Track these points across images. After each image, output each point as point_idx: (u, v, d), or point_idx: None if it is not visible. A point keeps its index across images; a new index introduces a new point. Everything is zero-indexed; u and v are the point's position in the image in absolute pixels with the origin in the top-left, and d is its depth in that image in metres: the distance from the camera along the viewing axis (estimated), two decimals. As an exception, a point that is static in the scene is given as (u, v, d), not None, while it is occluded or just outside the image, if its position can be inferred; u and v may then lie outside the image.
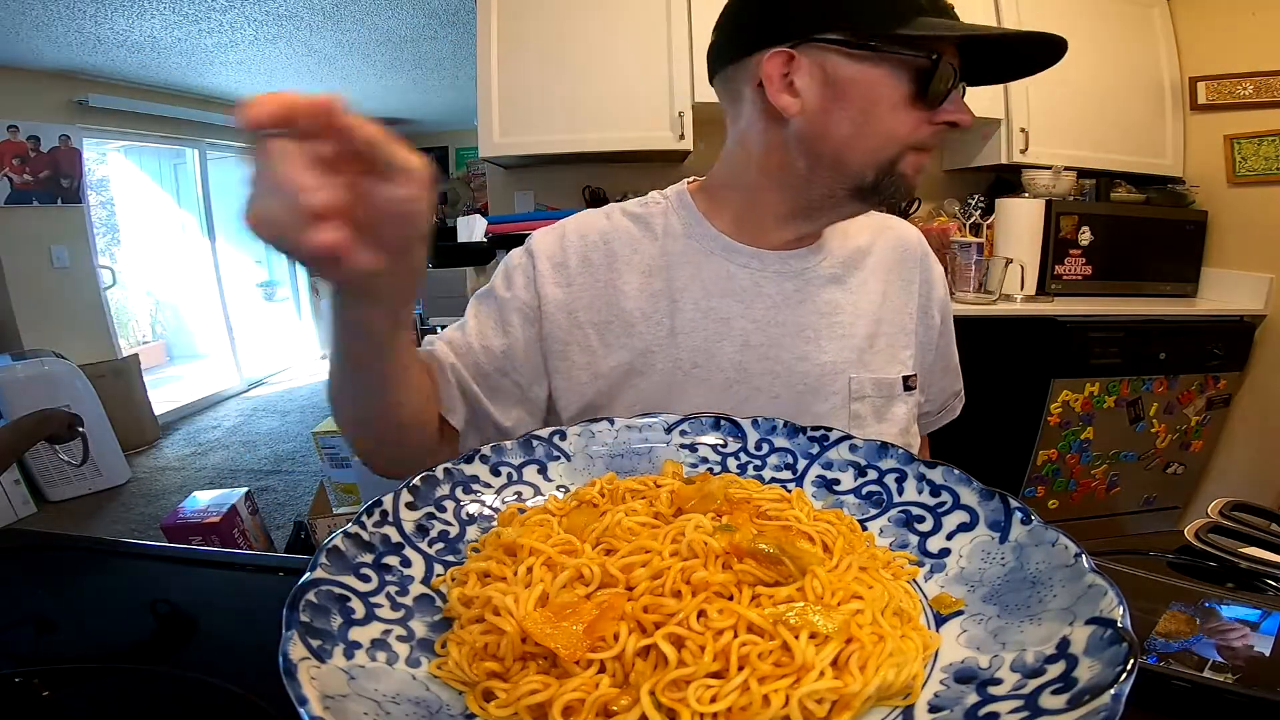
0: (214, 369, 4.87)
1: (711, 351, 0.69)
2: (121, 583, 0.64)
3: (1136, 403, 2.02)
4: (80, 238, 3.59)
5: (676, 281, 0.70)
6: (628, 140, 2.15)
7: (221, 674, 0.47)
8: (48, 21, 2.73)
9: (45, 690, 0.46)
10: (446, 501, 0.48)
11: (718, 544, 0.38)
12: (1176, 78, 2.26)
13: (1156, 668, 0.43)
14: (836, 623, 0.33)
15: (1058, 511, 2.10)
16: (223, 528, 2.07)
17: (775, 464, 0.55)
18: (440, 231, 5.32)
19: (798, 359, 0.69)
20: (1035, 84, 2.14)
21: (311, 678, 0.29)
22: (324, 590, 0.36)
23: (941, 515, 0.46)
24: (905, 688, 0.33)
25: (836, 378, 0.70)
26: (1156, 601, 0.50)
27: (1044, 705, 0.29)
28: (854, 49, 0.59)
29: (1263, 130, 2.03)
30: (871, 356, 0.72)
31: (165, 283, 5.19)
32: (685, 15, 2.08)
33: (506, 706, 0.32)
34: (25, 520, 2.72)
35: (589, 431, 0.57)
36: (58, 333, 3.36)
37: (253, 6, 2.78)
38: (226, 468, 3.35)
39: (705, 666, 0.32)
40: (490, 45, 2.12)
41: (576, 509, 0.46)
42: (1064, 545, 0.37)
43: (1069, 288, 2.13)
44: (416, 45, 3.44)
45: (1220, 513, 0.66)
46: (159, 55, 3.33)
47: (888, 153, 0.62)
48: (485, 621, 0.36)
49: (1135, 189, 2.26)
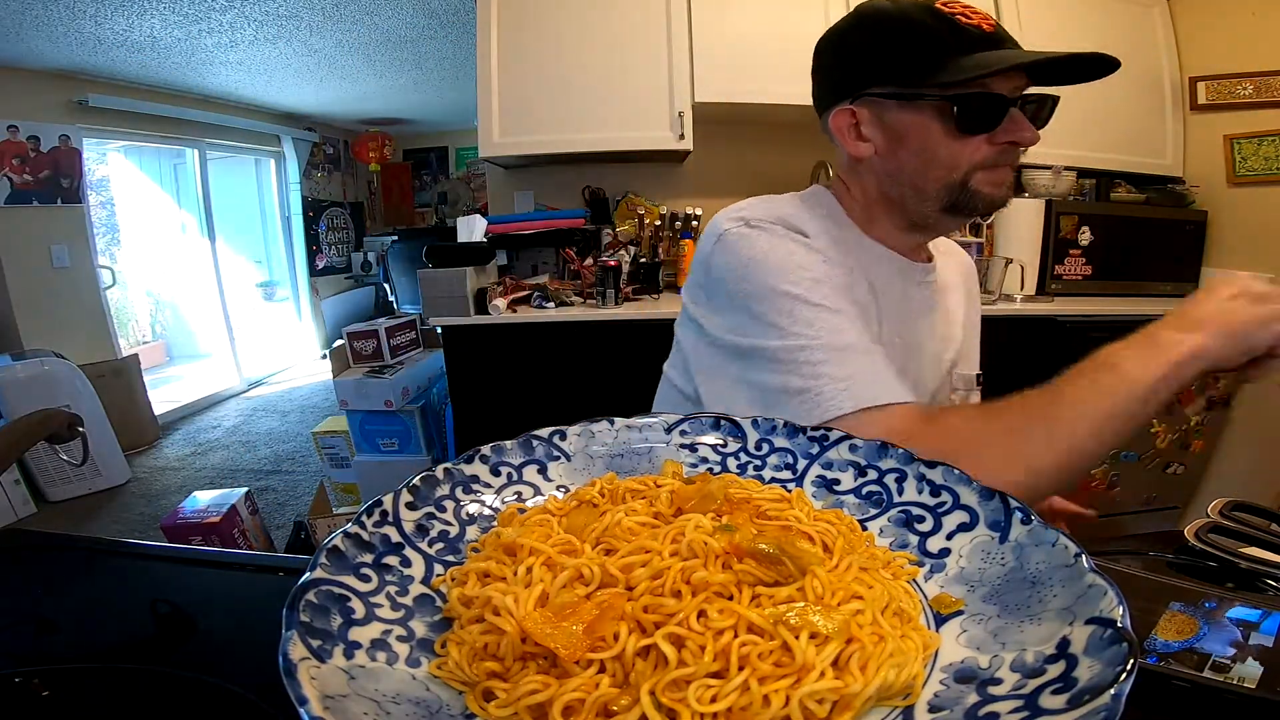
0: (214, 369, 4.87)
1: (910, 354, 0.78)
2: (121, 583, 0.64)
3: (1136, 403, 2.02)
4: (80, 238, 3.59)
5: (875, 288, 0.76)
6: (628, 140, 2.15)
7: (221, 674, 0.47)
8: (48, 21, 2.73)
9: (45, 690, 0.46)
10: (446, 501, 0.48)
11: (718, 544, 0.38)
12: (1176, 78, 2.26)
13: (1156, 668, 0.43)
14: (837, 623, 0.33)
15: (1058, 511, 2.10)
16: (223, 528, 2.07)
17: (775, 464, 0.55)
18: (440, 231, 5.33)
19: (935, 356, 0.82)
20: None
21: (311, 678, 0.29)
22: (324, 590, 0.36)
23: (941, 515, 0.46)
24: (906, 688, 0.33)
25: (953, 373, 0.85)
26: (1156, 601, 0.50)
27: (1044, 705, 0.29)
28: (898, 99, 0.68)
29: (1263, 130, 2.03)
30: (969, 349, 0.87)
31: (165, 283, 5.19)
32: (685, 15, 2.08)
33: (506, 706, 0.32)
34: (25, 520, 2.72)
35: (589, 431, 0.57)
36: (58, 333, 3.36)
37: (253, 6, 2.78)
38: (226, 468, 3.35)
39: (705, 666, 0.32)
40: (490, 45, 2.12)
41: (576, 509, 0.46)
42: (1064, 545, 0.37)
43: (1069, 288, 2.13)
44: (416, 45, 3.44)
45: (1220, 513, 0.66)
46: (159, 55, 3.33)
47: (955, 176, 0.69)
48: (485, 621, 0.36)
49: (1135, 189, 2.26)
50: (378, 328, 2.33)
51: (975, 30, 0.65)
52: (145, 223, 4.96)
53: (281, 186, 5.25)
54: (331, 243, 5.74)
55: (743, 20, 2.06)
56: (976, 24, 0.65)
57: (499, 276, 2.26)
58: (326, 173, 5.73)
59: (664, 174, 2.52)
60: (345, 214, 5.92)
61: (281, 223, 5.30)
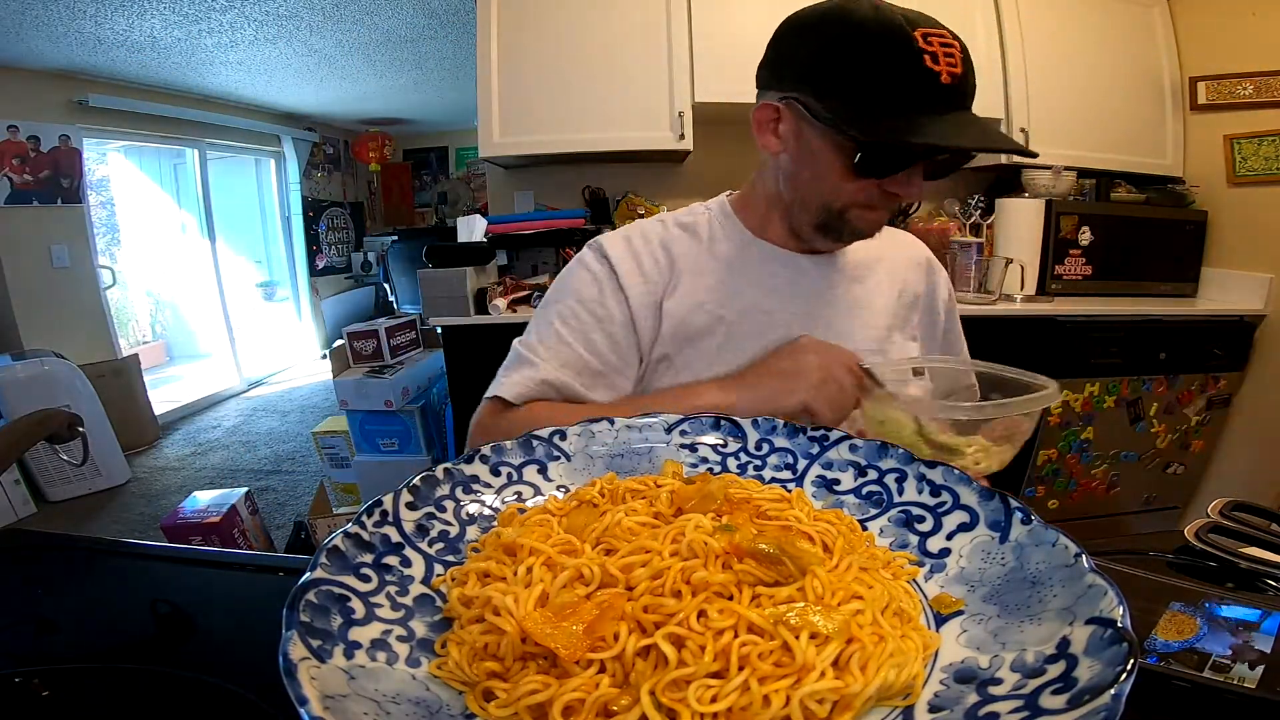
0: (214, 369, 4.87)
1: (758, 341, 0.78)
2: (121, 583, 0.64)
3: (1136, 403, 2.02)
4: (80, 238, 3.58)
5: (725, 282, 0.80)
6: (628, 140, 2.15)
7: (221, 674, 0.47)
8: (48, 21, 2.73)
9: (45, 690, 0.46)
10: (446, 501, 0.48)
11: (718, 544, 0.38)
12: (1176, 78, 2.26)
13: (1156, 668, 0.43)
14: (837, 623, 0.33)
15: (1058, 511, 2.10)
16: (223, 528, 2.07)
17: (775, 464, 0.55)
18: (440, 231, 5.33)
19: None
20: (1035, 84, 2.15)
21: (311, 678, 0.29)
22: (324, 590, 0.36)
23: (941, 515, 0.46)
24: (906, 688, 0.33)
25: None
26: (1156, 601, 0.50)
27: (1044, 705, 0.29)
28: (820, 120, 0.67)
29: (1263, 130, 2.03)
30: (889, 346, 0.84)
31: (165, 283, 5.19)
32: (685, 16, 2.08)
33: (506, 706, 0.32)
34: (25, 520, 2.72)
35: (589, 431, 0.57)
36: (58, 333, 3.36)
37: (253, 6, 2.78)
38: (226, 468, 3.35)
39: (705, 666, 0.32)
40: (490, 45, 2.12)
41: (576, 509, 0.46)
42: (1064, 545, 0.37)
43: (1069, 288, 2.13)
44: (416, 45, 3.44)
45: (1220, 513, 0.66)
46: (159, 55, 3.33)
47: (835, 205, 0.73)
48: (485, 621, 0.36)
49: (1135, 189, 2.26)
50: (378, 328, 2.33)
51: (934, 79, 0.62)
52: (145, 223, 4.96)
53: (281, 186, 5.25)
54: (331, 243, 5.74)
55: (743, 20, 2.06)
56: (941, 70, 0.62)
57: (499, 276, 2.26)
58: (326, 173, 5.73)
59: (664, 174, 2.52)
60: (345, 214, 5.92)
61: (281, 223, 5.31)
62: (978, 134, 0.64)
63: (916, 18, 0.64)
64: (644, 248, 0.81)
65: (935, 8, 0.69)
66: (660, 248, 0.81)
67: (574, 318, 0.79)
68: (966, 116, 0.65)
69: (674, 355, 0.79)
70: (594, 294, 0.80)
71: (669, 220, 0.85)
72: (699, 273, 0.80)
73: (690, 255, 0.81)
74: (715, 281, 0.80)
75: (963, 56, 0.63)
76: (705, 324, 0.79)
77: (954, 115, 0.64)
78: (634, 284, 0.79)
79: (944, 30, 0.64)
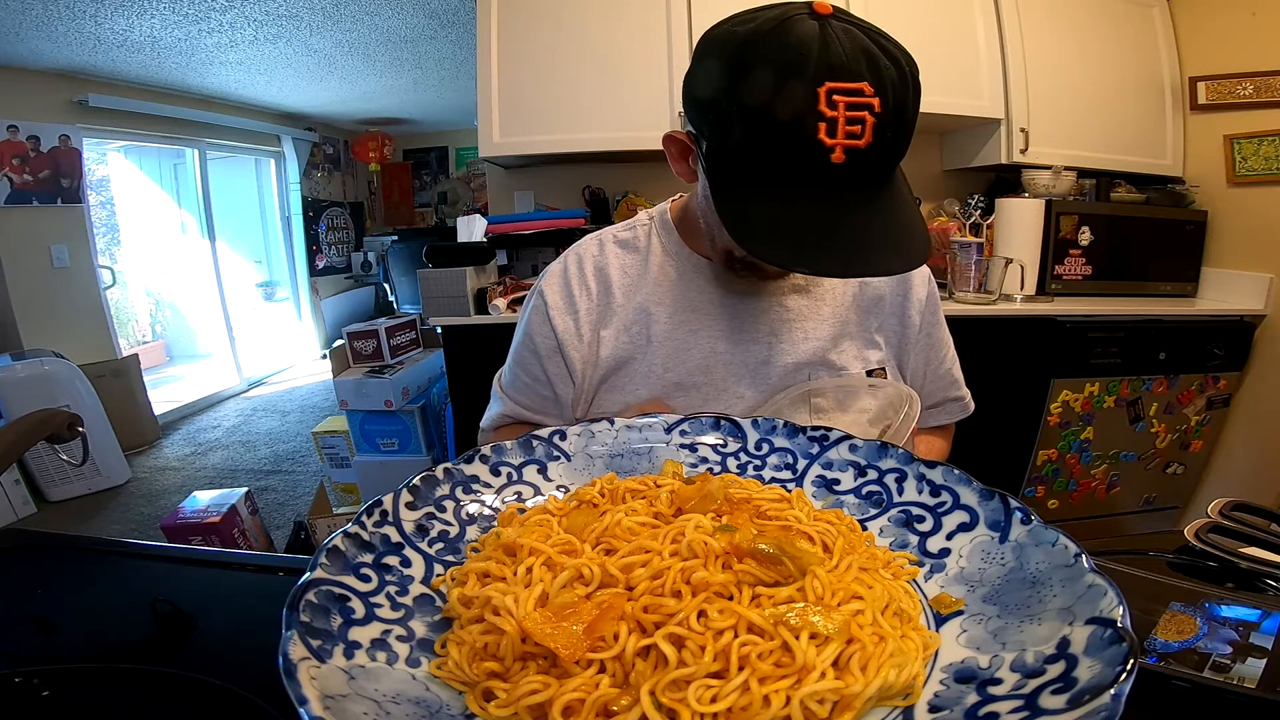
0: (214, 369, 4.86)
1: (682, 358, 0.78)
2: (121, 583, 0.64)
3: (1136, 403, 2.02)
4: (80, 238, 3.58)
5: (653, 297, 0.80)
6: (628, 140, 2.15)
7: (221, 674, 0.47)
8: (48, 21, 2.73)
9: (45, 690, 0.46)
10: (446, 501, 0.48)
11: (718, 544, 0.38)
12: (1176, 78, 2.26)
13: (1156, 668, 0.43)
14: (837, 623, 0.33)
15: (1058, 511, 2.10)
16: (223, 528, 2.07)
17: (775, 464, 0.55)
18: (440, 231, 5.33)
19: (760, 362, 0.78)
20: (1035, 84, 2.15)
21: (311, 678, 0.29)
22: (324, 590, 0.36)
23: (941, 515, 0.46)
24: (906, 688, 0.33)
25: (796, 375, 0.78)
26: (1156, 601, 0.50)
27: (1044, 705, 0.29)
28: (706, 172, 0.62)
29: (1263, 130, 2.03)
30: (836, 355, 0.79)
31: (165, 283, 5.19)
32: (685, 15, 2.08)
33: (506, 706, 0.32)
34: (25, 520, 2.72)
35: (589, 431, 0.57)
36: (58, 333, 3.36)
37: (253, 6, 2.78)
38: (226, 468, 3.35)
39: (705, 667, 0.32)
40: (490, 45, 2.12)
41: (576, 509, 0.46)
42: (1064, 545, 0.37)
43: (1069, 288, 2.13)
44: (416, 45, 3.44)
45: (1220, 513, 0.66)
46: (159, 55, 3.33)
47: (738, 253, 0.70)
48: (485, 621, 0.36)
49: (1135, 189, 2.25)
50: (378, 328, 2.33)
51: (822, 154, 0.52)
52: (145, 223, 4.95)
53: (281, 186, 5.25)
54: (331, 243, 5.74)
55: (743, 20, 2.06)
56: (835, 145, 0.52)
57: (499, 276, 2.26)
58: (326, 173, 5.73)
59: (664, 174, 2.50)
60: (345, 214, 5.92)
61: (281, 223, 5.30)
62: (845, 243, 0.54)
63: (840, 64, 0.51)
64: (576, 278, 0.82)
65: (935, 8, 0.68)
66: (594, 274, 0.82)
67: (522, 348, 0.84)
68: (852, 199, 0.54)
69: (611, 376, 0.80)
70: (535, 326, 0.82)
71: (608, 238, 0.85)
72: (634, 291, 0.81)
73: (628, 275, 0.82)
74: (648, 300, 0.80)
75: (876, 124, 0.52)
76: (637, 345, 0.79)
77: (838, 197, 0.54)
78: (560, 317, 0.81)
79: (864, 87, 0.51)
